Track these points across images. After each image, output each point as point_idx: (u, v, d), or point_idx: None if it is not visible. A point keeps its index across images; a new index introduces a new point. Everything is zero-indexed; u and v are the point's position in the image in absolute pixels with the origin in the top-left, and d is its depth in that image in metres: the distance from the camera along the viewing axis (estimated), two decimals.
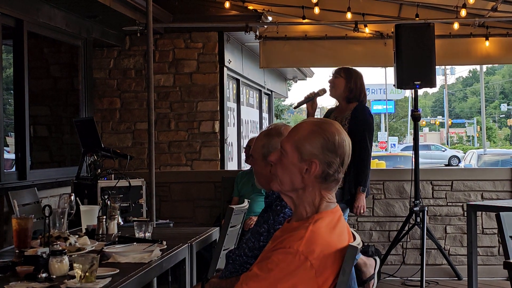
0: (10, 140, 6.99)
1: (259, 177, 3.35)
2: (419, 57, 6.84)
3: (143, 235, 3.95)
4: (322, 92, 5.69)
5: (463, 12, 7.57)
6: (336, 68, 5.82)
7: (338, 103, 5.86)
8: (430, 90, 64.74)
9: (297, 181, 2.47)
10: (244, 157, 7.98)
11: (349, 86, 5.64)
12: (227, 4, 8.34)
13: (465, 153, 35.43)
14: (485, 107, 48.23)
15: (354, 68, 5.85)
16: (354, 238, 2.50)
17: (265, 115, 14.26)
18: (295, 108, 6.05)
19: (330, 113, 5.86)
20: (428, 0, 8.00)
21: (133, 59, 9.19)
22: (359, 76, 5.69)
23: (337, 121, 2.62)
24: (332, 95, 5.79)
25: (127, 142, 9.20)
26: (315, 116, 5.64)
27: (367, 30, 8.68)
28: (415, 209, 6.74)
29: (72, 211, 4.06)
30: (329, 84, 5.78)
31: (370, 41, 8.93)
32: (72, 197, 4.10)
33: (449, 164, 34.19)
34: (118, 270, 3.04)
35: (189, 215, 7.49)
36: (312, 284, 2.30)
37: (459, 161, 34.36)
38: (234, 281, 2.75)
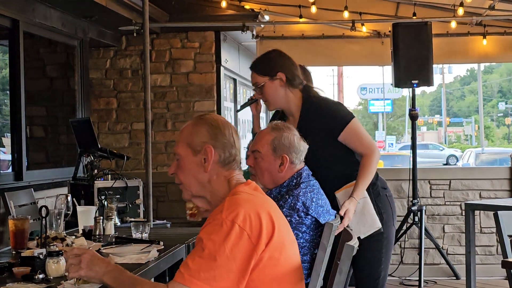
0: (6, 140, 6.98)
1: (265, 174, 3.32)
2: (417, 56, 6.84)
3: (140, 235, 3.94)
4: None
5: (461, 11, 7.56)
6: None
7: None
8: (428, 89, 64.64)
9: (201, 176, 2.52)
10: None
11: None
12: (223, 4, 8.33)
13: (463, 152, 35.46)
14: (483, 106, 48.24)
15: (302, 66, 5.53)
16: (351, 238, 2.49)
17: (262, 114, 14.23)
18: (238, 111, 5.88)
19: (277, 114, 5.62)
20: None
21: (130, 59, 9.16)
22: (307, 77, 5.39)
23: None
24: None
25: (123, 142, 9.17)
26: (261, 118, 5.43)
27: (364, 29, 8.66)
28: (413, 208, 6.74)
29: (68, 212, 4.05)
30: None
31: (368, 40, 8.92)
32: (69, 198, 4.09)
33: (447, 163, 34.20)
34: None
35: (186, 215, 7.47)
36: (250, 248, 2.30)
37: (457, 160, 34.36)
38: None
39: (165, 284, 2.34)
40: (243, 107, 5.40)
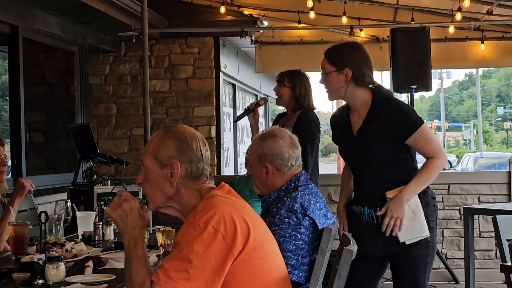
0: (6, 146, 6.97)
1: (256, 181, 3.38)
2: (415, 61, 6.86)
3: None
4: (262, 102, 5.36)
5: (459, 16, 7.58)
6: (280, 73, 5.33)
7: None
8: (427, 94, 64.86)
9: (167, 189, 2.53)
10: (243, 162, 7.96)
11: (294, 96, 5.17)
12: (222, 9, 8.35)
13: (460, 157, 35.41)
14: (482, 110, 48.26)
15: (299, 71, 5.36)
16: (350, 242, 2.50)
17: (261, 119, 14.26)
18: (235, 121, 5.86)
19: (279, 118, 5.40)
20: (424, 4, 8.01)
21: (129, 65, 9.18)
22: (304, 82, 5.23)
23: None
24: (278, 104, 5.32)
25: (123, 148, 9.18)
26: (259, 126, 5.39)
27: (362, 34, 8.68)
28: None
29: (68, 218, 4.06)
30: (274, 92, 5.31)
31: (366, 45, 8.73)
32: (68, 203, 4.10)
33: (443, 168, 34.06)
34: (115, 276, 3.04)
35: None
36: (225, 249, 2.33)
37: (451, 166, 34.29)
38: None
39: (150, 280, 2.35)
40: (240, 117, 5.39)
